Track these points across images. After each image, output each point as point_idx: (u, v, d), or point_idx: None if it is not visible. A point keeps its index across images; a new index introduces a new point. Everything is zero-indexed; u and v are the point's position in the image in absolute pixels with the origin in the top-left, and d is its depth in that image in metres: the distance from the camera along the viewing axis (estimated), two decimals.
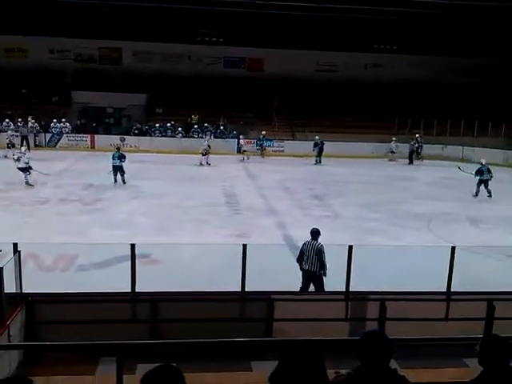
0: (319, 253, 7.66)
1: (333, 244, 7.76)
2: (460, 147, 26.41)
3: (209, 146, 23.24)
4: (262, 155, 25.90)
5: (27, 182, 16.50)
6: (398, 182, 19.70)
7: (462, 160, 25.92)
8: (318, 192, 17.40)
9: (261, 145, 26.11)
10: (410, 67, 30.14)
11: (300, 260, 7.91)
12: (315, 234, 7.93)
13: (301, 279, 7.89)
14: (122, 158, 17.89)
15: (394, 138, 26.43)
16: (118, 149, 18.99)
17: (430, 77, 30.53)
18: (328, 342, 4.97)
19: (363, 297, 7.22)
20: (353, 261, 6.93)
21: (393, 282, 7.56)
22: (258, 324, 6.81)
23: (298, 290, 7.74)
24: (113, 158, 17.92)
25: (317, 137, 25.37)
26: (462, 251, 7.52)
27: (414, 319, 6.44)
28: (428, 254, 9.15)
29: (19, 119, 25.66)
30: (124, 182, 17.77)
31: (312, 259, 7.71)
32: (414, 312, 6.59)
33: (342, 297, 7.20)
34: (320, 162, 24.69)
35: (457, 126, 26.31)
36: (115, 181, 17.79)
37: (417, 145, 26.35)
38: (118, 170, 17.82)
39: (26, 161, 16.67)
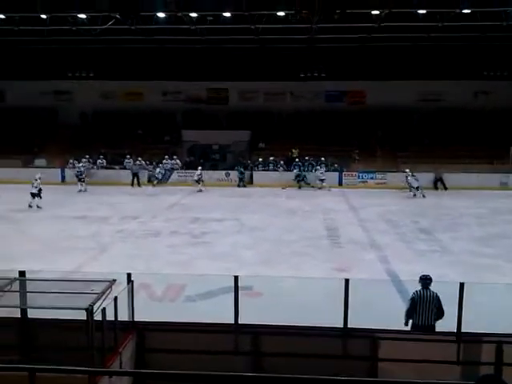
0: (438, 303, 6.94)
1: (442, 281, 7.28)
2: None
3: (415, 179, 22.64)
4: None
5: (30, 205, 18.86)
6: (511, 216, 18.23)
7: None
8: (424, 225, 16.63)
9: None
10: None
11: (411, 313, 7.07)
12: (428, 282, 7.07)
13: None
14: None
15: (407, 170, 23.80)
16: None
17: None
18: None
19: (477, 338, 6.70)
20: (464, 299, 6.49)
21: (511, 324, 6.96)
22: (360, 363, 6.58)
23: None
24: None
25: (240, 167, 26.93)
26: None
27: None
28: None
29: (138, 158, 27.42)
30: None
31: (429, 312, 6.96)
32: None
33: (453, 338, 6.73)
34: (244, 186, 26.10)
35: None
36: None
37: None
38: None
39: (38, 187, 19.06)
